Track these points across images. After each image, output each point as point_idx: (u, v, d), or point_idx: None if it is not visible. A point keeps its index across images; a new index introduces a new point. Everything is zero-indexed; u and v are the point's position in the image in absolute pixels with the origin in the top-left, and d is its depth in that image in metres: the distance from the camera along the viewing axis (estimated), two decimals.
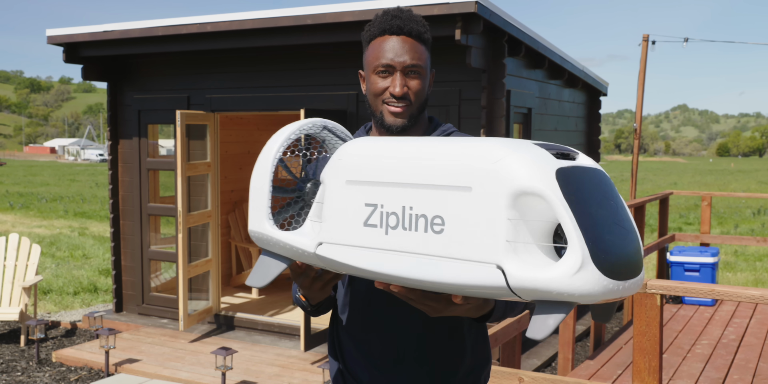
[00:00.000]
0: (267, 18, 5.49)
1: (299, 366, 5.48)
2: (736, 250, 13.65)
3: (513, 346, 3.96)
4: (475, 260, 1.15)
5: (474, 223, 1.16)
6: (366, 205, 1.33)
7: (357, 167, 1.36)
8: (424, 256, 1.23)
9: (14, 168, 52.36)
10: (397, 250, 1.27)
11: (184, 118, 6.01)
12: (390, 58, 1.59)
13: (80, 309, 8.08)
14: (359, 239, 1.33)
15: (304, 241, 1.43)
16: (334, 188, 1.39)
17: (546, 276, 1.08)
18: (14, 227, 15.93)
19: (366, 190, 1.33)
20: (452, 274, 1.19)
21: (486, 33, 5.19)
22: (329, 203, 1.39)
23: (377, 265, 1.30)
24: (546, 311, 1.13)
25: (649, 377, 3.12)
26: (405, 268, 1.25)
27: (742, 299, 3.01)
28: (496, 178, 1.14)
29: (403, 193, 1.27)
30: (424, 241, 1.23)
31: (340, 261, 1.36)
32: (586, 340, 6.78)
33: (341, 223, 1.36)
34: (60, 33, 6.48)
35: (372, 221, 1.31)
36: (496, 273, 1.13)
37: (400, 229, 1.27)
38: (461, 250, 1.17)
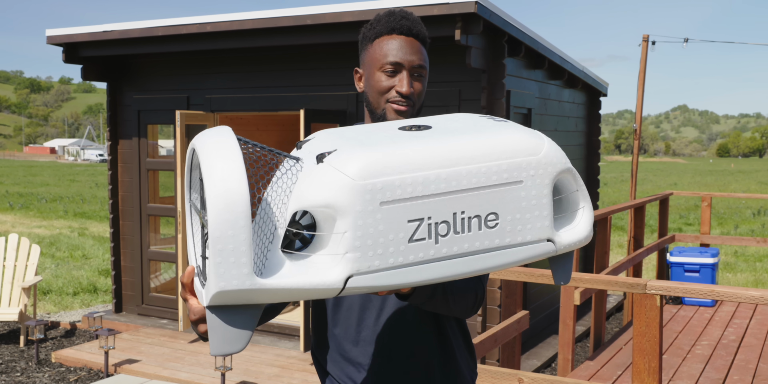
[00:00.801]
0: (267, 18, 5.49)
1: (299, 366, 5.47)
2: (736, 251, 13.65)
3: (513, 347, 3.95)
4: (529, 242, 1.28)
5: (526, 211, 1.27)
6: (410, 222, 1.17)
7: (386, 183, 1.16)
8: (481, 252, 1.24)
9: (14, 168, 52.36)
10: (449, 257, 1.21)
11: (184, 118, 6.01)
12: (400, 56, 1.60)
13: (80, 309, 8.08)
14: (404, 258, 1.18)
15: (324, 280, 1.13)
16: (363, 214, 1.15)
17: (576, 234, 1.33)
18: (14, 227, 15.93)
19: (408, 207, 1.17)
20: (507, 259, 1.26)
21: (486, 33, 5.19)
22: (357, 231, 1.14)
23: (425, 276, 1.20)
24: (563, 260, 1.38)
25: (648, 378, 3.11)
26: (457, 269, 1.23)
27: (742, 300, 3.01)
28: (544, 167, 1.28)
29: (452, 201, 1.20)
30: (479, 239, 1.23)
31: (380, 285, 1.17)
32: (585, 340, 6.78)
33: (378, 247, 1.16)
34: (60, 33, 6.48)
35: (419, 236, 1.18)
36: (548, 245, 1.29)
37: (451, 234, 1.20)
38: (516, 237, 1.26)
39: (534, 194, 1.27)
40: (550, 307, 6.79)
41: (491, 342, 3.46)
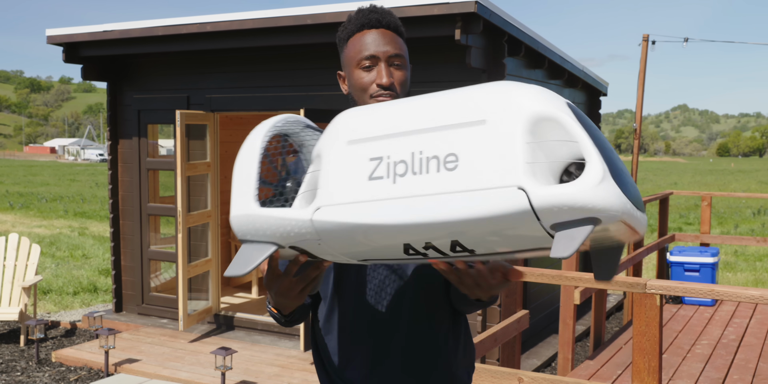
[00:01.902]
0: (267, 18, 5.49)
1: (299, 366, 5.48)
2: (736, 250, 13.65)
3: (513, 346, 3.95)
4: (494, 186, 1.09)
5: (490, 153, 1.11)
6: (371, 160, 1.23)
7: (357, 127, 1.28)
8: (438, 195, 1.14)
9: (14, 168, 52.37)
10: (407, 196, 1.17)
11: (184, 117, 6.01)
12: (373, 49, 1.58)
13: (80, 309, 8.08)
14: (363, 195, 1.22)
15: (298, 213, 1.29)
16: (332, 152, 1.29)
17: (569, 189, 1.05)
18: (14, 227, 15.93)
19: (370, 146, 1.24)
20: (470, 208, 1.10)
21: (486, 33, 5.19)
22: (327, 168, 1.29)
23: (384, 216, 1.18)
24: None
25: (648, 377, 3.12)
26: (417, 213, 1.15)
27: (741, 299, 3.01)
28: (512, 107, 1.13)
29: (411, 140, 1.20)
30: (437, 181, 1.15)
31: (342, 221, 1.22)
32: (585, 340, 6.78)
33: (342, 183, 1.25)
34: (60, 33, 6.48)
35: (378, 174, 1.21)
36: (519, 195, 1.07)
37: (409, 174, 1.18)
38: (478, 180, 1.11)
39: (501, 136, 1.11)
40: (550, 307, 6.79)
41: (491, 341, 3.46)
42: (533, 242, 1.14)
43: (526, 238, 1.13)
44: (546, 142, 1.11)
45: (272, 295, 1.49)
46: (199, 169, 6.30)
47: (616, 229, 1.10)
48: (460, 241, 1.17)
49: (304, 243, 1.31)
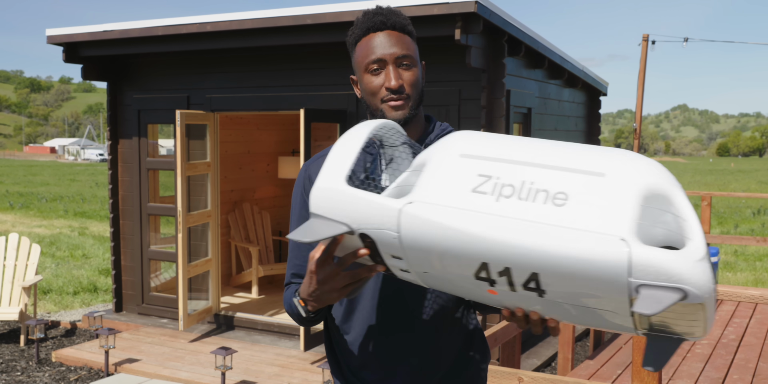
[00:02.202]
0: (267, 18, 5.49)
1: (299, 366, 5.48)
2: (736, 250, 13.65)
3: (513, 346, 3.96)
4: (597, 231, 1.08)
5: (602, 202, 1.11)
6: (479, 176, 1.21)
7: (474, 145, 1.27)
8: (538, 223, 1.12)
9: (14, 168, 52.37)
10: (507, 216, 1.14)
11: (184, 117, 6.01)
12: (379, 53, 1.57)
13: (80, 309, 8.08)
14: (461, 202, 1.19)
15: (388, 200, 1.26)
16: (441, 160, 1.27)
17: (668, 256, 1.05)
18: (14, 227, 15.93)
19: (482, 164, 1.22)
20: (568, 244, 1.09)
21: (486, 33, 5.19)
22: (430, 172, 1.26)
23: (476, 226, 1.15)
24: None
25: (648, 377, 3.12)
26: (511, 233, 1.12)
27: (741, 299, 3.01)
28: (634, 170, 1.14)
29: (525, 170, 1.19)
30: (541, 211, 1.13)
31: (431, 219, 1.20)
32: (585, 339, 6.78)
33: (442, 187, 1.22)
34: (60, 33, 6.48)
35: (483, 189, 1.19)
36: (620, 244, 1.06)
37: (515, 198, 1.16)
38: (584, 221, 1.09)
39: (615, 190, 1.11)
40: None
41: (491, 341, 3.46)
42: (604, 304, 1.12)
43: (602, 297, 1.11)
44: (656, 211, 1.12)
45: (310, 285, 1.44)
46: (199, 169, 6.30)
47: (691, 315, 1.10)
48: (538, 277, 1.14)
49: (378, 233, 1.27)
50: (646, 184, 1.12)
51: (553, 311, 1.22)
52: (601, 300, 1.12)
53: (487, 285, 1.22)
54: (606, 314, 1.15)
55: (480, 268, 1.19)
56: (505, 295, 1.22)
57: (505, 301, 1.26)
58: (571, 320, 1.24)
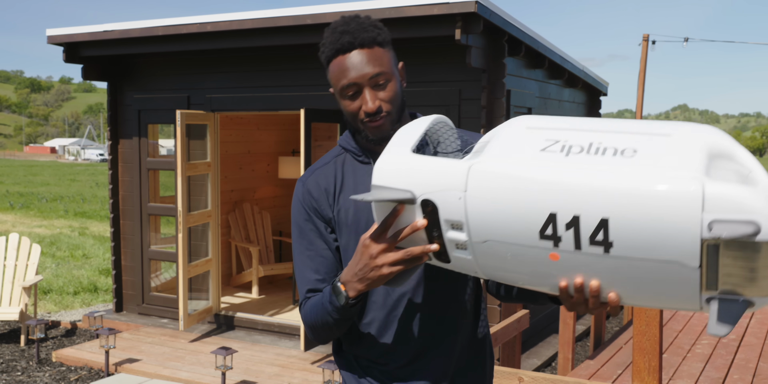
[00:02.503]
0: (267, 18, 5.49)
1: (299, 366, 5.48)
2: None
3: (513, 346, 3.96)
4: (669, 172, 1.10)
5: (670, 154, 1.13)
6: (546, 140, 1.24)
7: (539, 120, 1.31)
8: (610, 169, 1.14)
9: (14, 168, 52.38)
10: (578, 167, 1.16)
11: (184, 117, 6.01)
12: (352, 76, 1.53)
13: (80, 309, 8.08)
14: (530, 158, 1.21)
15: (456, 161, 1.28)
16: (508, 132, 1.30)
17: (743, 190, 1.06)
18: (14, 227, 15.94)
19: (549, 132, 1.26)
20: (640, 180, 1.10)
21: (486, 33, 5.19)
22: (498, 141, 1.29)
23: (545, 173, 1.17)
24: (731, 224, 1.10)
25: (648, 377, 3.12)
26: (581, 176, 1.14)
27: None
28: (697, 130, 1.17)
29: (592, 135, 1.22)
30: (611, 161, 1.15)
31: (500, 170, 1.21)
32: (586, 339, 6.78)
33: (511, 149, 1.25)
34: (60, 33, 6.48)
35: (551, 149, 1.22)
36: (693, 181, 1.07)
37: (584, 154, 1.18)
38: (655, 163, 1.12)
39: (682, 146, 1.14)
40: (550, 307, 6.79)
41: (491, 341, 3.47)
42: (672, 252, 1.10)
43: (672, 241, 1.09)
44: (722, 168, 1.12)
45: (359, 263, 1.42)
46: (200, 169, 6.30)
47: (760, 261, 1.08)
48: (608, 224, 1.12)
49: (442, 195, 1.27)
50: (711, 142, 1.14)
51: (615, 277, 1.19)
52: (669, 248, 1.10)
53: (551, 246, 1.19)
54: (671, 272, 1.12)
55: (547, 222, 1.18)
56: (567, 259, 1.20)
57: (566, 269, 1.22)
58: (630, 290, 1.20)
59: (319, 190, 1.65)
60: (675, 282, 1.14)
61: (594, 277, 1.21)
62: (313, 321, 1.59)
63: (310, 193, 1.66)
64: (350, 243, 1.62)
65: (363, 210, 1.61)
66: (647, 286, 1.17)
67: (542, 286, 1.30)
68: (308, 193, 1.66)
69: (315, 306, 1.58)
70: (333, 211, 1.64)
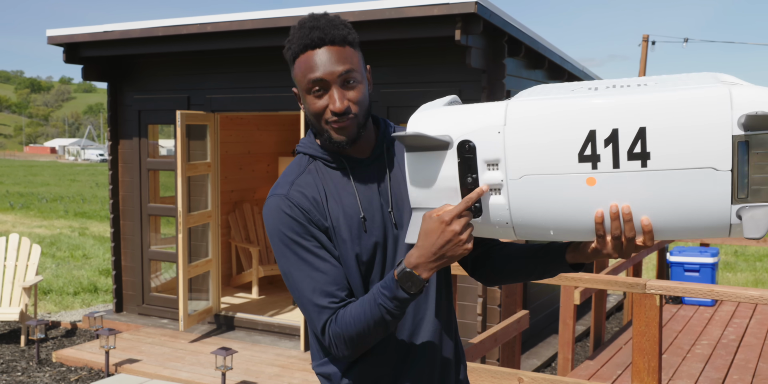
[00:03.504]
0: (267, 18, 5.49)
1: (299, 366, 5.48)
2: (736, 251, 13.65)
3: (513, 346, 3.96)
4: (701, 86, 1.19)
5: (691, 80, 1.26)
6: (571, 91, 1.33)
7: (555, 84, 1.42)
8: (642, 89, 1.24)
9: (15, 168, 52.37)
10: (610, 93, 1.25)
11: (185, 118, 6.01)
12: (319, 74, 1.48)
13: (80, 309, 8.09)
14: (563, 96, 1.29)
15: (490, 103, 1.37)
16: (531, 89, 1.41)
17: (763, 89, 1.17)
18: (14, 227, 15.94)
19: (572, 85, 1.36)
20: (674, 91, 1.19)
21: (486, 33, 5.19)
22: (524, 92, 1.39)
23: (583, 99, 1.25)
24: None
25: (648, 377, 3.12)
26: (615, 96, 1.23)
27: (741, 300, 3.02)
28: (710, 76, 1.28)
29: (614, 82, 1.32)
30: (641, 88, 1.25)
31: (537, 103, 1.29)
32: (585, 340, 6.78)
33: (540, 94, 1.34)
34: (60, 33, 6.48)
35: (580, 90, 1.31)
36: (717, 85, 1.18)
37: (611, 89, 1.27)
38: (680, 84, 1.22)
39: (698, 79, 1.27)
40: (550, 307, 6.79)
41: (491, 341, 3.47)
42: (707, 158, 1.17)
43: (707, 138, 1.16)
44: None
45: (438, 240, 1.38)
46: (200, 170, 6.31)
47: None
48: (646, 133, 1.19)
49: (480, 133, 1.32)
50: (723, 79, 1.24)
51: (650, 196, 1.24)
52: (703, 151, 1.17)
53: (589, 169, 1.24)
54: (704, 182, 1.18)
55: (586, 142, 1.24)
56: (604, 182, 1.25)
57: (602, 195, 1.27)
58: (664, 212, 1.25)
59: (308, 201, 1.55)
60: (708, 193, 1.20)
61: (629, 201, 1.26)
62: (358, 330, 1.48)
63: (299, 205, 1.54)
64: (342, 252, 1.56)
65: (352, 216, 1.56)
66: (681, 203, 1.22)
67: (576, 224, 1.32)
68: (296, 206, 1.54)
69: (360, 312, 1.47)
70: (327, 220, 1.55)
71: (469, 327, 5.37)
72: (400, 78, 5.59)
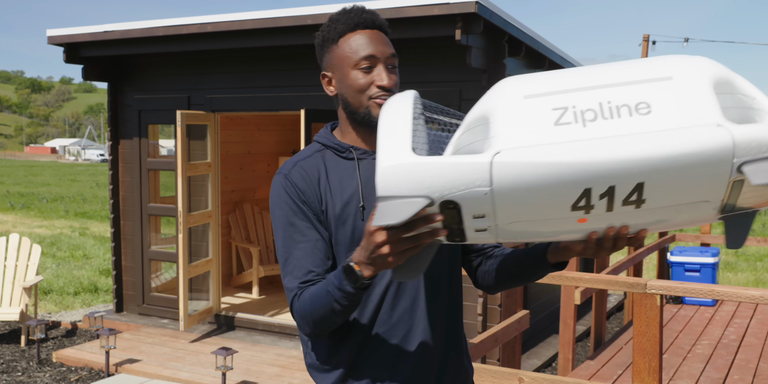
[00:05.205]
0: (267, 18, 5.49)
1: (299, 366, 5.48)
2: (737, 250, 13.65)
3: (513, 346, 3.96)
4: (693, 125, 1.14)
5: (684, 100, 1.16)
6: (554, 110, 1.20)
7: (530, 86, 1.24)
8: (635, 134, 1.14)
9: (15, 168, 52.38)
10: (601, 138, 1.15)
11: (185, 118, 6.01)
12: (372, 49, 1.55)
13: (81, 309, 8.09)
14: (551, 137, 1.17)
15: (473, 157, 1.19)
16: (507, 106, 1.22)
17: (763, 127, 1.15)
18: (15, 227, 15.94)
19: (551, 99, 1.21)
20: (672, 143, 1.13)
21: (486, 33, 5.19)
22: (502, 119, 1.21)
23: (577, 154, 1.15)
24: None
25: (649, 377, 3.12)
26: (615, 151, 1.14)
27: (742, 299, 3.01)
28: (696, 67, 1.20)
29: (595, 93, 1.20)
30: (632, 123, 1.15)
31: (529, 161, 1.16)
32: (586, 340, 6.78)
33: (523, 129, 1.19)
34: (61, 33, 6.48)
35: (565, 120, 1.18)
36: (719, 130, 1.13)
37: (600, 120, 1.17)
38: (676, 120, 1.15)
39: (690, 87, 1.17)
40: (551, 307, 6.79)
41: (492, 341, 3.46)
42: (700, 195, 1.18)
43: (702, 188, 1.17)
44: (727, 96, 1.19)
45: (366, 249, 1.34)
46: (200, 170, 6.31)
47: None
48: (643, 186, 1.17)
49: (465, 194, 1.20)
50: (711, 75, 1.19)
51: (644, 222, 1.25)
52: (699, 192, 1.18)
53: (582, 213, 1.22)
54: (697, 208, 1.21)
55: (581, 197, 1.19)
56: (596, 218, 1.23)
57: (594, 226, 1.27)
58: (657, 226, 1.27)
59: (305, 182, 1.60)
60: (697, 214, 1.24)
61: (624, 224, 1.27)
62: (313, 311, 1.50)
63: (296, 185, 1.60)
64: (339, 237, 1.59)
65: (352, 204, 1.59)
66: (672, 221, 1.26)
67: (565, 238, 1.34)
68: (294, 185, 1.60)
69: (316, 295, 1.49)
70: (322, 204, 1.59)
71: (470, 327, 5.37)
72: (401, 78, 5.59)
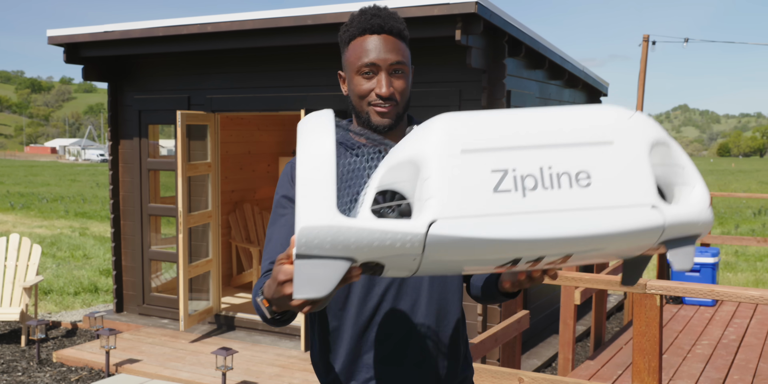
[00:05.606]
0: (268, 18, 5.50)
1: (299, 366, 5.48)
2: (737, 251, 13.65)
3: (513, 347, 3.96)
4: (630, 205, 1.17)
5: (622, 173, 1.18)
6: (493, 172, 1.15)
7: (469, 135, 1.18)
8: (574, 211, 1.14)
9: (15, 168, 52.38)
10: (541, 211, 1.13)
11: (185, 118, 6.01)
12: (374, 57, 1.56)
13: (81, 309, 8.09)
14: (490, 207, 1.13)
15: (408, 225, 1.11)
16: (442, 160, 1.15)
17: (691, 210, 1.20)
18: (15, 227, 15.94)
19: (490, 157, 1.16)
20: (608, 224, 1.14)
21: (486, 33, 5.19)
22: (437, 177, 1.14)
23: (517, 230, 1.12)
24: (680, 246, 1.24)
25: (648, 377, 3.12)
26: (554, 228, 1.13)
27: (742, 300, 3.02)
28: (635, 130, 1.22)
29: (537, 155, 1.17)
30: (571, 197, 1.15)
31: (468, 236, 1.11)
32: (586, 340, 6.78)
33: (462, 194, 1.13)
34: (61, 33, 6.49)
35: (504, 186, 1.14)
36: (653, 212, 1.17)
37: (540, 189, 1.15)
38: (614, 198, 1.16)
39: (629, 157, 1.19)
40: (551, 307, 6.79)
41: (492, 341, 3.47)
42: (626, 254, 1.25)
43: (629, 251, 1.22)
44: (657, 157, 1.22)
45: (271, 287, 1.29)
46: (200, 170, 6.31)
47: None
48: (572, 255, 1.19)
49: (392, 258, 1.15)
50: (649, 140, 1.22)
51: (571, 263, 1.28)
52: (619, 254, 1.24)
53: (509, 266, 1.23)
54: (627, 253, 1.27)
55: (509, 262, 1.19)
56: (524, 264, 1.25)
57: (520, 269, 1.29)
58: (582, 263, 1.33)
59: None
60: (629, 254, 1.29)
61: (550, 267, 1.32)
62: (255, 308, 1.46)
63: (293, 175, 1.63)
64: None
65: None
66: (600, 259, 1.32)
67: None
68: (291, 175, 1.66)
69: (254, 295, 1.46)
70: None
71: (470, 327, 5.37)
72: None
